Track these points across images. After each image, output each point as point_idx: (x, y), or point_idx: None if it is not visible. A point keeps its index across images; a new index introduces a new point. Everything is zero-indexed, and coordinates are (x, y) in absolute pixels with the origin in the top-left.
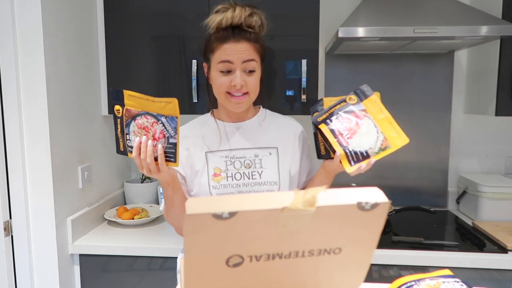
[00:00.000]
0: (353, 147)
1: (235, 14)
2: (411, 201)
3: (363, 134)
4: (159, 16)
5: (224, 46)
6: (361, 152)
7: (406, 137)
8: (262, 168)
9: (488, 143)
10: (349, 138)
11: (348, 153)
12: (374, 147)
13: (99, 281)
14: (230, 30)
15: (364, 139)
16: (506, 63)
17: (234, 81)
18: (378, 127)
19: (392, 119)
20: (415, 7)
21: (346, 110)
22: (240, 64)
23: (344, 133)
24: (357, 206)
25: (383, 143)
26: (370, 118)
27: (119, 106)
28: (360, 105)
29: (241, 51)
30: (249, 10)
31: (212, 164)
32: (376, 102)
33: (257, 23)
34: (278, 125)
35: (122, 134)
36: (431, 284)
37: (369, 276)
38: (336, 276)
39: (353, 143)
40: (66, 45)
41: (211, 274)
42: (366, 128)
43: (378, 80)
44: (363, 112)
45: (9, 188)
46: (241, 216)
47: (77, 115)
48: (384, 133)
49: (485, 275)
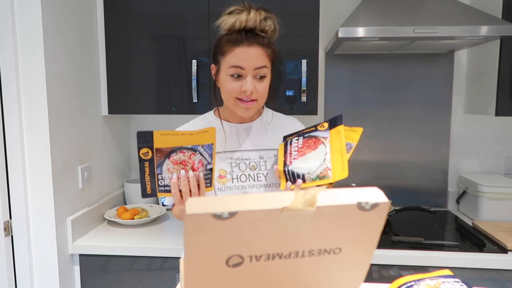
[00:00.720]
0: (292, 168)
1: (249, 18)
2: (411, 201)
3: (307, 158)
4: (159, 16)
5: (236, 50)
6: (298, 174)
7: (346, 173)
8: (267, 170)
9: (488, 143)
10: (294, 158)
11: (286, 171)
12: (313, 173)
13: (99, 281)
14: (243, 33)
15: (306, 163)
16: (506, 63)
17: (244, 87)
18: (328, 155)
19: (345, 152)
20: (415, 7)
21: (310, 135)
22: (251, 70)
23: (293, 153)
24: (357, 206)
25: (323, 172)
26: (327, 146)
27: (147, 149)
28: (326, 133)
29: (254, 56)
30: (263, 14)
31: (217, 166)
32: (340, 132)
33: (271, 28)
34: (282, 126)
35: (150, 176)
36: (431, 284)
37: (369, 276)
38: (336, 276)
39: (295, 164)
40: (66, 45)
41: (211, 274)
42: (314, 154)
43: (378, 80)
44: (324, 140)
45: (9, 188)
46: (241, 216)
47: (77, 115)
48: (331, 163)
49: (485, 275)
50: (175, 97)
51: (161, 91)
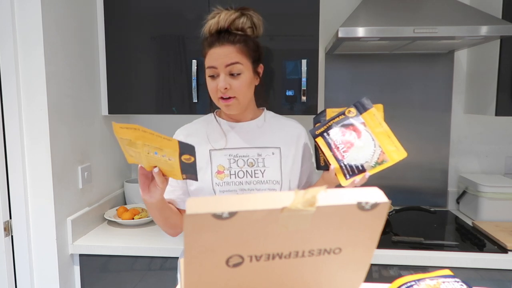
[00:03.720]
0: (349, 161)
1: (220, 19)
2: (411, 201)
3: (359, 147)
4: (159, 16)
5: (210, 51)
6: (357, 165)
7: (404, 151)
8: (264, 167)
9: (488, 143)
10: (345, 151)
11: (343, 167)
12: (370, 161)
13: (99, 281)
14: (216, 35)
15: (360, 153)
16: (506, 63)
17: (218, 85)
18: (376, 140)
19: (390, 133)
20: (415, 7)
21: (344, 123)
22: (223, 68)
23: (340, 146)
24: (357, 206)
25: (380, 157)
26: (368, 131)
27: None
28: (359, 118)
29: (224, 55)
30: (236, 12)
31: (215, 162)
32: (375, 115)
33: (246, 25)
34: (281, 126)
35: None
36: (431, 284)
37: (369, 276)
38: (336, 276)
39: (349, 156)
40: (66, 45)
41: (211, 274)
42: (363, 141)
43: (378, 80)
44: (361, 125)
45: (9, 188)
46: (241, 216)
47: (77, 115)
48: (381, 147)
49: (485, 275)
50: (175, 97)
51: (161, 91)
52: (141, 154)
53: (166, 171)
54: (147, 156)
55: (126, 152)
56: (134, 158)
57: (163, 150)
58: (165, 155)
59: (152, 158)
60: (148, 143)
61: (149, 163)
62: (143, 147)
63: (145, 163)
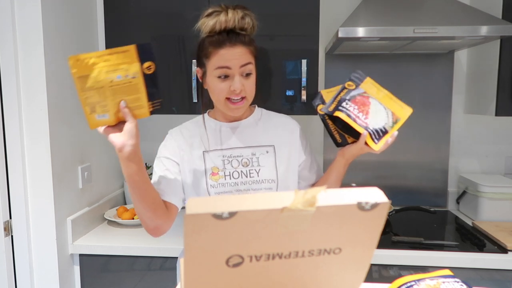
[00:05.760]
0: (373, 126)
1: (228, 18)
2: (411, 201)
3: (374, 113)
4: (159, 16)
5: (220, 52)
6: (380, 129)
7: (409, 107)
8: (259, 167)
9: (488, 143)
10: (365, 119)
11: (370, 133)
12: (388, 122)
13: (99, 281)
14: (224, 34)
15: (378, 117)
16: (506, 63)
17: (233, 86)
18: (383, 104)
19: (391, 95)
20: (415, 7)
21: (351, 96)
22: (238, 69)
23: (359, 115)
24: (357, 206)
25: (393, 117)
26: (373, 98)
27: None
28: (360, 89)
29: (238, 55)
30: (241, 12)
31: (209, 163)
32: (372, 83)
33: (250, 25)
34: (274, 123)
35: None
36: (431, 284)
37: (369, 276)
38: (336, 276)
39: (371, 122)
40: (66, 45)
41: (211, 274)
42: (374, 107)
43: (378, 80)
44: (366, 94)
45: (9, 188)
46: (241, 216)
47: (77, 115)
48: (390, 108)
49: (485, 275)
50: (175, 97)
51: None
52: (105, 90)
53: (133, 107)
54: (112, 90)
55: (88, 106)
56: (96, 113)
57: (124, 67)
58: (128, 75)
59: (117, 91)
60: (107, 64)
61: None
62: (106, 75)
63: (111, 106)
